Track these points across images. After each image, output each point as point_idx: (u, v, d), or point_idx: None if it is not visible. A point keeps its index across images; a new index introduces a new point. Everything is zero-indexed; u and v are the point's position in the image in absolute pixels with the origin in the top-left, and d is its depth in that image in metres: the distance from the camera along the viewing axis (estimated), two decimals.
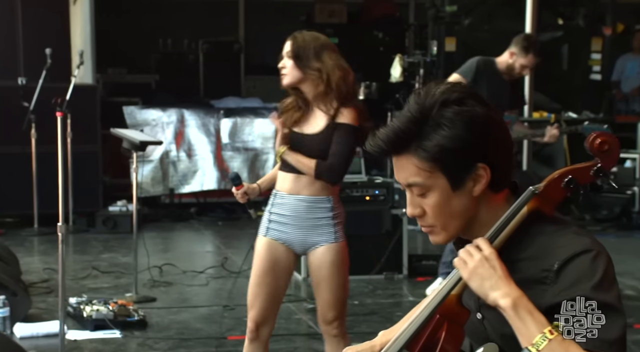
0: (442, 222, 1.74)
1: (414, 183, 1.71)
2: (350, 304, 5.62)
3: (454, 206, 1.72)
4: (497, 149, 1.72)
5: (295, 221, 3.50)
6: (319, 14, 12.02)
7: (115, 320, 4.99)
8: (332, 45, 3.52)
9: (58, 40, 8.15)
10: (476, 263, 1.65)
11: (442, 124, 1.67)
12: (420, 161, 1.69)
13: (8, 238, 7.55)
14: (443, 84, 1.73)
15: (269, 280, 3.53)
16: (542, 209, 1.70)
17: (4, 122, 7.93)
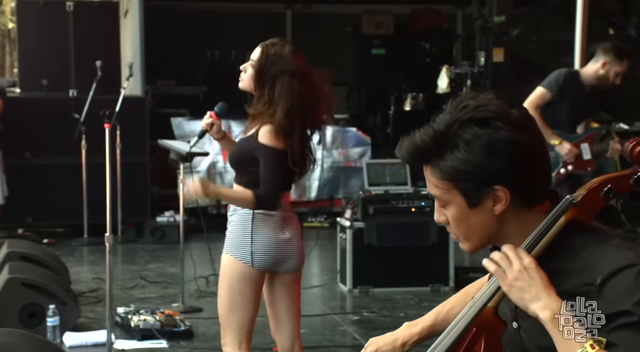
0: (463, 234, 1.74)
1: (434, 196, 1.74)
2: (396, 316, 5.61)
3: (472, 222, 1.71)
4: (523, 172, 1.67)
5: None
6: (365, 25, 12.03)
7: (162, 330, 5.03)
8: (298, 70, 3.36)
9: (108, 52, 8.28)
10: (515, 274, 1.63)
11: (459, 146, 1.66)
12: (436, 179, 1.70)
13: (58, 248, 7.67)
14: (477, 99, 1.69)
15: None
16: (581, 218, 1.67)
17: (56, 134, 8.08)
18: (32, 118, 8.12)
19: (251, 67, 3.44)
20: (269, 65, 3.37)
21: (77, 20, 8.31)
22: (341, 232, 6.31)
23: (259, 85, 3.40)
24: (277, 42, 3.45)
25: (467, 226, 1.71)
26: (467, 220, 1.70)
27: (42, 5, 8.66)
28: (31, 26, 8.40)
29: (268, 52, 3.41)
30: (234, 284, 3.38)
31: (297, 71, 3.37)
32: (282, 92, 3.33)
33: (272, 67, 3.36)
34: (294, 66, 3.37)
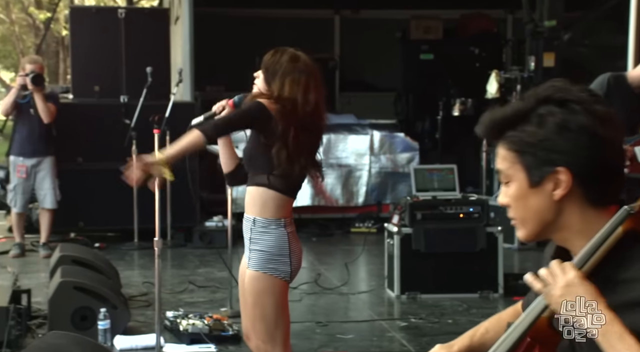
0: (520, 217, 1.75)
1: (499, 170, 1.76)
2: (444, 323, 5.57)
3: (530, 203, 1.72)
4: (589, 162, 1.67)
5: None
6: (414, 30, 12.00)
7: (210, 334, 5.06)
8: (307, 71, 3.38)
9: (158, 59, 8.38)
10: (560, 290, 1.62)
11: (531, 119, 1.69)
12: (504, 150, 1.73)
13: (109, 252, 7.78)
14: (566, 85, 1.72)
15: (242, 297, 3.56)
16: (639, 229, 1.65)
17: (107, 139, 8.19)
18: (84, 124, 8.24)
19: (261, 70, 3.47)
20: (275, 67, 3.39)
21: (129, 27, 8.43)
22: (389, 238, 6.29)
23: (267, 82, 3.42)
24: (290, 49, 3.48)
25: (525, 207, 1.73)
26: (526, 200, 1.72)
27: (95, 13, 8.84)
28: (84, 33, 8.54)
29: (276, 54, 3.44)
30: (278, 301, 3.41)
31: (306, 71, 3.40)
32: (290, 86, 3.36)
33: (282, 64, 3.38)
34: (304, 67, 3.40)
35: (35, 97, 7.42)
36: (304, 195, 8.99)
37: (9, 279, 6.51)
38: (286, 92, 3.35)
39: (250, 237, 3.38)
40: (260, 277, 3.37)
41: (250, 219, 3.40)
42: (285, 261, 3.37)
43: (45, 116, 7.45)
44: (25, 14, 26.20)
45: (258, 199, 3.38)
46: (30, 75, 7.38)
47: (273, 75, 3.40)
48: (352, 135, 9.28)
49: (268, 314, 3.42)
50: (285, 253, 3.36)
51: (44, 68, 8.17)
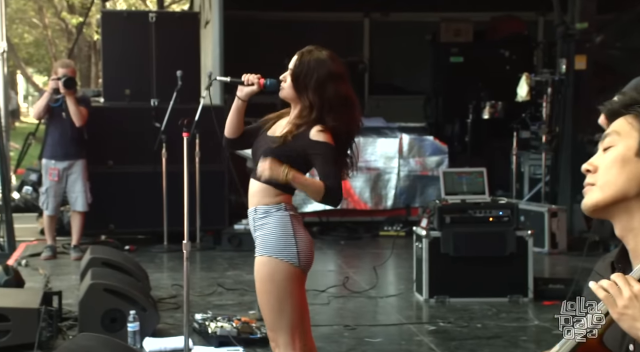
0: (605, 180, 1.74)
1: (611, 132, 1.76)
2: (473, 327, 5.54)
3: (626, 169, 1.72)
4: None
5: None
6: (444, 33, 11.95)
7: (238, 337, 5.07)
8: (339, 73, 3.38)
9: (189, 62, 8.42)
10: (626, 302, 1.57)
11: None
12: (631, 117, 1.74)
13: (139, 254, 7.83)
14: None
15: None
16: None
17: (137, 143, 8.26)
18: (115, 127, 8.31)
19: (290, 75, 3.44)
20: (309, 74, 3.37)
21: (159, 31, 8.49)
22: (417, 241, 6.27)
23: (299, 93, 3.41)
24: (314, 49, 3.45)
25: (618, 171, 1.72)
26: (624, 166, 1.72)
27: (126, 17, 8.90)
28: (115, 37, 8.61)
29: (304, 58, 3.41)
30: (283, 286, 3.33)
31: (336, 74, 3.38)
32: (324, 96, 3.35)
33: (312, 75, 3.36)
34: (332, 69, 3.38)
35: (67, 101, 7.49)
36: None
37: (41, 281, 6.59)
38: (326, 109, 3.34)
39: (254, 225, 3.39)
40: (265, 262, 3.33)
41: (252, 210, 3.42)
42: (290, 243, 3.32)
43: (77, 120, 7.52)
44: (58, 19, 26.50)
45: (259, 191, 3.39)
46: (62, 79, 7.45)
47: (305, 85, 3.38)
48: (381, 138, 9.27)
49: (268, 299, 3.36)
50: (289, 234, 3.32)
51: (76, 72, 8.26)
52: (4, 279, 5.75)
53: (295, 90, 3.41)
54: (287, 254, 3.31)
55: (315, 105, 3.36)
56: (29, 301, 5.04)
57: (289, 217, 3.34)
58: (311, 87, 3.36)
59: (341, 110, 3.37)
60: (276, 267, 3.31)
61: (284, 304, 3.35)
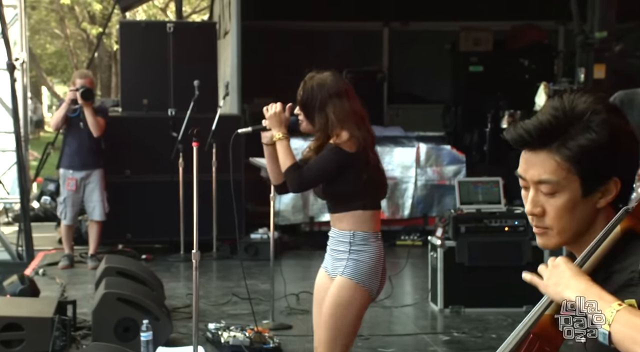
0: (561, 227, 1.72)
1: (548, 180, 1.70)
2: (488, 337, 5.50)
3: (577, 213, 1.71)
4: (632, 167, 1.72)
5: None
6: (464, 42, 11.92)
7: (251, 346, 5.07)
8: (340, 90, 3.44)
9: (206, 72, 8.46)
10: (548, 274, 1.65)
11: (591, 129, 1.66)
12: (561, 159, 1.68)
13: (156, 263, 7.85)
14: (591, 94, 1.71)
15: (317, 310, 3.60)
16: (636, 227, 1.66)
17: (155, 152, 8.29)
18: (132, 137, 8.36)
19: (299, 107, 3.51)
20: (312, 98, 3.44)
21: (177, 41, 8.53)
22: (432, 251, 6.24)
23: (310, 119, 3.48)
24: (315, 74, 3.52)
25: (570, 217, 1.71)
26: (574, 211, 1.70)
27: (144, 27, 8.96)
28: (133, 47, 8.67)
29: (307, 85, 3.48)
30: (355, 312, 3.44)
31: (340, 91, 3.44)
32: (335, 114, 3.41)
33: (315, 98, 3.44)
34: (332, 89, 3.44)
35: (85, 112, 7.54)
36: None
37: (57, 290, 6.63)
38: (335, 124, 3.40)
39: (350, 249, 3.43)
40: (350, 286, 3.41)
41: (347, 234, 3.46)
42: (377, 275, 3.44)
43: (95, 130, 7.57)
44: (79, 29, 26.73)
45: (356, 217, 3.46)
46: (80, 90, 7.51)
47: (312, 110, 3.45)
48: (398, 147, 9.25)
49: (335, 320, 3.43)
50: (379, 267, 3.45)
51: (94, 82, 8.31)
52: (19, 288, 5.79)
53: (306, 119, 3.49)
54: (370, 285, 3.43)
55: (322, 127, 3.44)
56: (43, 310, 5.07)
57: (382, 250, 3.49)
58: (316, 110, 3.44)
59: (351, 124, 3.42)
60: (358, 293, 3.41)
61: (348, 328, 3.46)
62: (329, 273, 3.56)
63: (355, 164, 3.42)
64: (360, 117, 3.49)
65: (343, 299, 3.41)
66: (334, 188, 3.48)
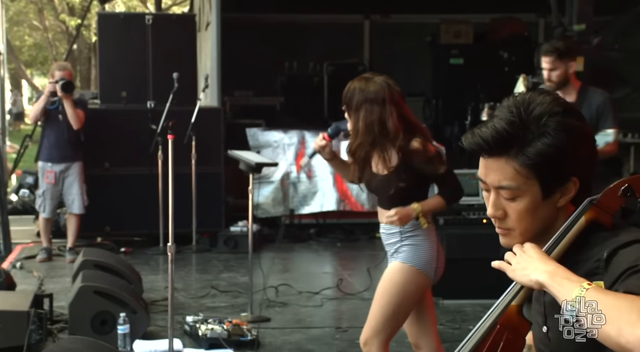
0: (523, 228, 1.76)
1: (507, 186, 1.73)
2: (466, 329, 5.52)
3: (538, 214, 1.74)
4: (589, 165, 1.74)
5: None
6: (444, 35, 11.91)
7: (229, 339, 5.07)
8: (378, 97, 3.52)
9: (185, 65, 8.43)
10: (516, 259, 1.69)
11: (546, 133, 1.68)
12: (519, 166, 1.70)
13: (135, 256, 7.83)
14: (547, 95, 1.73)
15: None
16: (600, 218, 1.70)
17: (134, 145, 8.26)
18: (111, 129, 8.31)
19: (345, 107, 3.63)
20: (350, 101, 3.56)
21: (156, 33, 8.49)
22: None
23: (350, 116, 3.60)
24: (367, 75, 3.65)
25: (532, 219, 1.74)
26: (535, 213, 1.73)
27: (123, 19, 8.90)
28: (112, 39, 8.62)
29: (348, 90, 3.60)
30: (411, 294, 3.53)
31: (378, 98, 3.52)
32: (365, 119, 3.52)
33: (352, 101, 3.56)
34: (374, 93, 3.52)
35: (64, 104, 7.49)
36: (329, 200, 8.98)
37: (35, 283, 6.59)
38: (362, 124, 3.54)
39: (402, 237, 3.56)
40: (407, 270, 3.52)
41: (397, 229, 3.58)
42: (432, 258, 3.56)
43: (75, 122, 7.52)
44: (58, 21, 26.52)
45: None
46: (60, 82, 7.45)
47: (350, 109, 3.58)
48: None
49: (389, 301, 3.50)
50: (434, 249, 3.57)
51: (73, 74, 8.26)
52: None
53: (349, 117, 3.60)
54: (428, 268, 3.55)
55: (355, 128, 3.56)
56: (19, 304, 5.03)
57: (435, 232, 3.62)
58: (353, 112, 3.57)
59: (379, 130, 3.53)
60: (415, 276, 3.54)
61: (401, 309, 3.54)
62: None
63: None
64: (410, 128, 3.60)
65: (396, 280, 3.55)
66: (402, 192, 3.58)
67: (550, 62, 5.23)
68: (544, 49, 5.37)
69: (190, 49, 8.70)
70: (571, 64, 5.20)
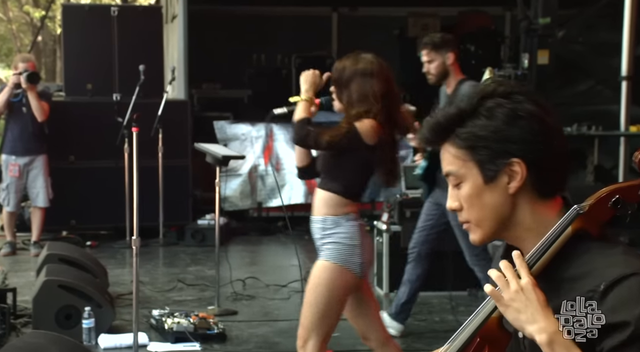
0: (475, 217, 1.70)
1: (449, 172, 1.71)
2: (431, 320, 5.56)
3: (485, 200, 1.68)
4: (542, 149, 1.66)
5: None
6: (412, 28, 11.95)
7: (195, 333, 5.05)
8: (368, 70, 3.47)
9: (152, 57, 8.37)
10: (512, 295, 1.58)
11: (479, 114, 1.66)
12: (455, 149, 1.69)
13: (101, 250, 7.78)
14: (493, 82, 1.71)
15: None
16: (588, 228, 1.63)
17: (99, 137, 8.18)
18: (76, 122, 8.24)
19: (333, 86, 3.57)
20: (340, 76, 3.51)
21: (122, 25, 8.42)
22: (378, 235, 6.27)
23: (339, 96, 3.53)
24: (351, 54, 3.58)
25: (480, 206, 1.68)
26: (481, 198, 1.68)
27: (88, 11, 8.81)
28: (76, 31, 8.53)
29: (340, 63, 3.55)
30: (337, 292, 3.47)
31: (368, 71, 3.47)
32: (360, 91, 3.45)
33: (342, 76, 3.50)
34: (364, 68, 3.47)
35: (29, 96, 7.41)
36: (297, 193, 8.98)
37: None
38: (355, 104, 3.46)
39: (323, 234, 3.49)
40: (329, 267, 3.46)
41: (319, 219, 3.52)
42: (356, 253, 3.45)
43: (40, 114, 7.44)
44: (22, 12, 26.17)
45: (328, 200, 3.50)
46: (24, 74, 7.36)
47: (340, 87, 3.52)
48: None
49: (318, 301, 3.46)
50: (357, 244, 3.46)
51: (37, 66, 8.17)
52: None
53: (337, 97, 3.54)
54: (352, 264, 3.45)
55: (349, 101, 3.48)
56: None
57: (358, 227, 3.49)
58: (343, 87, 3.50)
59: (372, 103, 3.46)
60: (339, 273, 3.45)
61: (331, 309, 3.48)
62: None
63: (361, 155, 3.47)
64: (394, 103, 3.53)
65: (323, 279, 3.47)
66: (333, 163, 3.53)
67: (426, 54, 5.35)
68: (421, 42, 5.48)
69: (156, 41, 8.64)
70: (448, 55, 5.29)
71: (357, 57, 3.53)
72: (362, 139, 3.43)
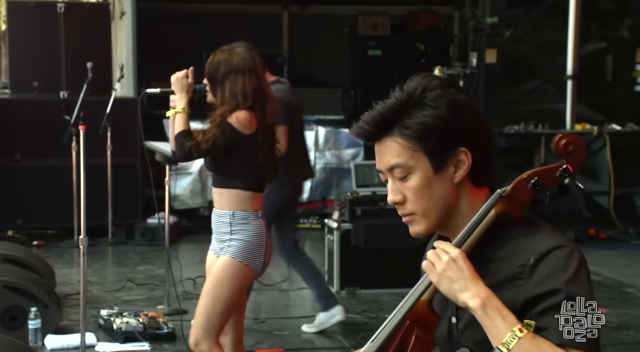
0: (423, 208, 1.72)
1: (397, 164, 1.71)
2: (382, 318, 5.54)
3: (434, 190, 1.71)
4: (478, 137, 1.72)
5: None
6: (362, 26, 11.99)
7: (144, 332, 5.01)
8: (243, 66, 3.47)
9: (99, 54, 8.27)
10: (444, 266, 1.64)
11: (425, 105, 1.69)
12: (403, 140, 1.70)
13: (49, 250, 7.66)
14: (424, 76, 1.75)
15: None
16: (510, 211, 1.69)
17: (46, 136, 8.05)
18: (22, 120, 8.11)
19: (206, 78, 3.55)
20: (215, 71, 3.49)
21: (68, 22, 8.31)
22: (329, 233, 6.29)
23: (213, 91, 3.52)
24: (226, 47, 3.56)
25: (429, 196, 1.70)
26: (430, 189, 1.70)
27: (33, 7, 8.66)
28: (22, 27, 8.40)
29: (214, 58, 3.53)
30: (237, 289, 3.48)
31: (244, 68, 3.46)
32: (232, 90, 3.44)
33: (217, 71, 3.48)
34: (239, 64, 3.47)
35: None
36: None
37: None
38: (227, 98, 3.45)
39: (231, 230, 3.45)
40: (235, 265, 3.43)
41: (227, 214, 3.48)
42: (260, 253, 3.46)
43: None
44: None
45: (235, 195, 3.48)
46: None
47: (214, 83, 3.50)
48: None
49: (219, 298, 3.45)
50: (262, 244, 3.46)
51: None
52: None
53: (211, 91, 3.53)
54: (254, 262, 3.46)
55: (221, 101, 3.47)
56: None
57: (265, 226, 3.49)
58: (218, 84, 3.48)
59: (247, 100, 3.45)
60: (241, 271, 3.45)
61: (230, 306, 3.48)
62: (216, 254, 3.59)
63: (245, 146, 3.44)
64: (264, 97, 3.52)
65: (224, 276, 3.46)
66: (221, 163, 3.52)
67: None
68: None
69: (104, 38, 8.55)
70: None
71: (231, 52, 3.52)
72: (239, 131, 3.44)
